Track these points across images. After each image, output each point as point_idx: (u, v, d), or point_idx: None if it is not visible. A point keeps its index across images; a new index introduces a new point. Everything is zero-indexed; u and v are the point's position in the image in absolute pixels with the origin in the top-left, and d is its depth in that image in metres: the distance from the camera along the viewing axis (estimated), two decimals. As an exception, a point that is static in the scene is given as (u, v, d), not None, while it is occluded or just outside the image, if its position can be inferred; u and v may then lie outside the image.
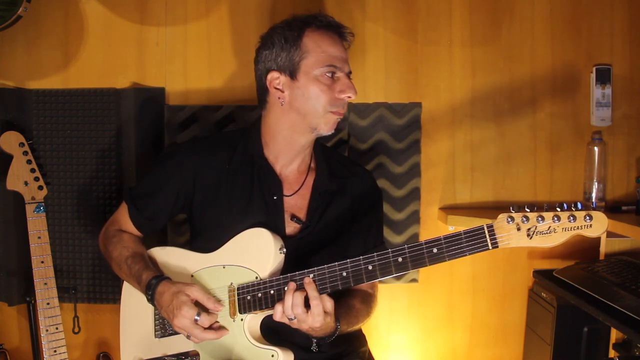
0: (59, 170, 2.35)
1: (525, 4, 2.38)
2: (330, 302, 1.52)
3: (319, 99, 1.68)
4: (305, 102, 1.69)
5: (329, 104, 1.68)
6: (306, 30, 1.71)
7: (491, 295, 2.46)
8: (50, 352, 2.10)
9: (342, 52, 1.72)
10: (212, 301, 1.59)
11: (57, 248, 2.34)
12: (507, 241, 1.40)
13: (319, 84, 1.68)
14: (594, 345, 2.11)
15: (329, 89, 1.68)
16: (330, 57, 1.69)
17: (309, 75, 1.69)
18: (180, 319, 1.55)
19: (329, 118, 1.70)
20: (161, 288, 1.61)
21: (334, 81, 1.69)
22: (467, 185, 2.42)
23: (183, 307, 1.55)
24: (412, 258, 1.47)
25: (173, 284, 1.61)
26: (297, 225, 1.76)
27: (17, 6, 2.11)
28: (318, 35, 1.71)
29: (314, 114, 1.69)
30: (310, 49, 1.69)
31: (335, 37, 1.73)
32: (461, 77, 2.39)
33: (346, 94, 1.69)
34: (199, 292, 1.58)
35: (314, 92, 1.68)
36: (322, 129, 1.71)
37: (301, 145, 1.78)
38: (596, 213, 1.36)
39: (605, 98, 2.35)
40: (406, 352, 2.47)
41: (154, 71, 2.37)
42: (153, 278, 1.64)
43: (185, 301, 1.55)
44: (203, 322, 1.56)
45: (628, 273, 1.93)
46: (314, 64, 1.68)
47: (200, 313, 1.55)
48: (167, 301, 1.58)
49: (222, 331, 1.60)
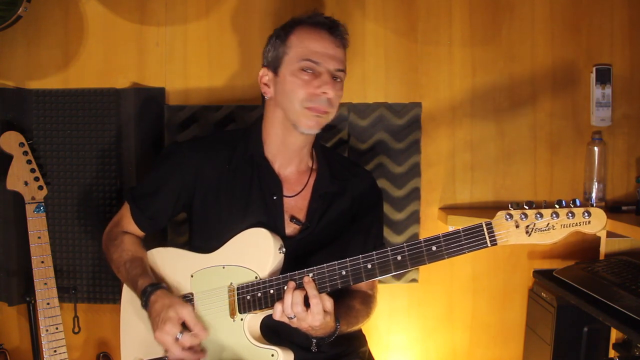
0: (59, 170, 2.35)
1: (525, 4, 2.38)
2: (330, 301, 1.52)
3: (295, 94, 1.67)
4: (284, 97, 1.70)
5: (305, 99, 1.67)
6: (296, 27, 1.72)
7: (491, 295, 2.46)
8: (50, 352, 2.10)
9: (326, 49, 1.69)
10: (199, 327, 1.57)
11: (57, 248, 2.34)
12: (505, 238, 1.40)
13: (295, 79, 1.67)
14: (594, 345, 2.11)
15: (306, 84, 1.67)
16: (309, 52, 1.68)
17: (288, 70, 1.69)
18: (162, 333, 1.54)
19: (307, 114, 1.68)
20: (154, 297, 1.61)
21: (314, 77, 1.68)
22: (467, 185, 2.42)
23: (167, 322, 1.54)
24: (411, 256, 1.47)
25: (167, 297, 1.61)
26: (297, 226, 1.76)
27: (17, 6, 2.12)
28: (305, 32, 1.71)
29: (292, 110, 1.69)
30: (294, 44, 1.70)
31: (323, 34, 1.71)
32: (461, 77, 2.40)
33: (321, 90, 1.66)
34: (189, 315, 1.57)
35: (290, 87, 1.68)
36: (302, 126, 1.69)
37: (296, 145, 1.77)
38: (594, 209, 1.36)
39: (605, 98, 2.35)
40: (406, 352, 2.47)
41: (154, 71, 2.37)
42: (149, 285, 1.64)
43: (172, 318, 1.55)
44: (183, 342, 1.54)
45: (628, 273, 1.93)
46: (293, 59, 1.69)
47: (183, 332, 1.54)
48: (157, 312, 1.58)
49: (200, 354, 1.59)
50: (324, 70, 1.68)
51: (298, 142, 1.77)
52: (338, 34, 1.73)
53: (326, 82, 1.67)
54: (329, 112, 1.71)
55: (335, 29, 1.73)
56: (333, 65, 1.70)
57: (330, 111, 1.71)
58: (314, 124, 1.70)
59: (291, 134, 1.74)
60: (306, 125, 1.69)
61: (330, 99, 1.68)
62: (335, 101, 1.71)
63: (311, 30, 1.71)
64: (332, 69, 1.69)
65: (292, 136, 1.74)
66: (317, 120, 1.70)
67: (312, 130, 1.71)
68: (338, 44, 1.73)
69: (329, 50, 1.70)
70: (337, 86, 1.70)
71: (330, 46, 1.70)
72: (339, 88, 1.72)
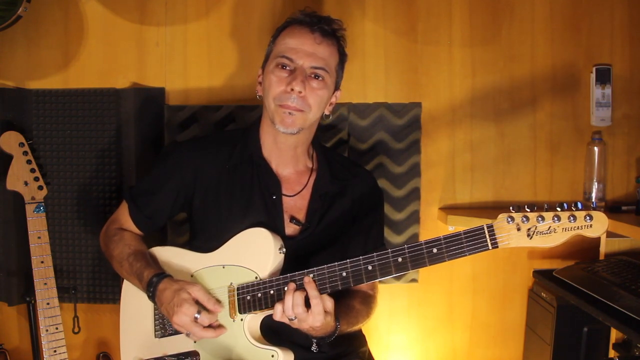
0: (59, 170, 2.35)
1: (525, 4, 2.38)
2: (330, 301, 1.52)
3: (269, 90, 1.69)
4: (264, 95, 1.73)
5: (276, 96, 1.67)
6: (287, 28, 1.74)
7: (491, 295, 2.46)
8: (50, 352, 2.10)
9: (302, 45, 1.68)
10: (212, 302, 1.58)
11: (57, 248, 2.34)
12: (507, 241, 1.40)
13: (271, 76, 1.69)
14: (594, 345, 2.11)
15: (279, 80, 1.67)
16: (285, 49, 1.68)
17: (269, 67, 1.72)
18: (180, 316, 1.54)
19: (279, 112, 1.68)
20: (162, 285, 1.61)
21: (290, 73, 1.67)
22: (467, 185, 2.42)
23: (184, 304, 1.54)
24: (412, 258, 1.47)
25: (175, 282, 1.61)
26: (297, 227, 1.76)
27: (17, 6, 2.11)
28: (289, 30, 1.72)
29: (269, 107, 1.71)
30: (278, 42, 1.73)
31: (302, 31, 1.70)
32: (461, 77, 2.39)
33: (290, 86, 1.65)
34: (200, 292, 1.58)
35: (267, 84, 1.70)
36: (277, 124, 1.69)
37: (286, 145, 1.77)
38: (596, 213, 1.35)
39: (605, 98, 2.35)
40: (406, 352, 2.47)
41: (154, 71, 2.37)
42: (154, 276, 1.64)
43: (187, 299, 1.55)
44: (203, 320, 1.55)
45: (628, 273, 1.92)
46: (273, 56, 1.72)
47: (201, 311, 1.55)
48: (168, 298, 1.58)
49: (220, 329, 1.60)
50: (298, 66, 1.67)
51: (287, 142, 1.76)
52: (317, 30, 1.70)
53: (294, 77, 1.65)
54: (304, 110, 1.68)
55: (315, 26, 1.70)
56: (308, 62, 1.68)
57: (305, 110, 1.68)
58: (290, 122, 1.67)
59: (278, 133, 1.73)
60: (280, 123, 1.68)
61: (303, 97, 1.66)
62: (313, 99, 1.68)
63: (295, 29, 1.71)
64: (306, 66, 1.68)
65: (279, 135, 1.74)
66: (291, 118, 1.67)
67: (288, 129, 1.68)
68: (319, 40, 1.70)
69: (306, 47, 1.68)
70: (314, 83, 1.68)
71: (308, 42, 1.68)
72: (318, 86, 1.69)
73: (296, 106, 1.67)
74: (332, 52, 1.73)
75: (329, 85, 1.73)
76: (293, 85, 1.65)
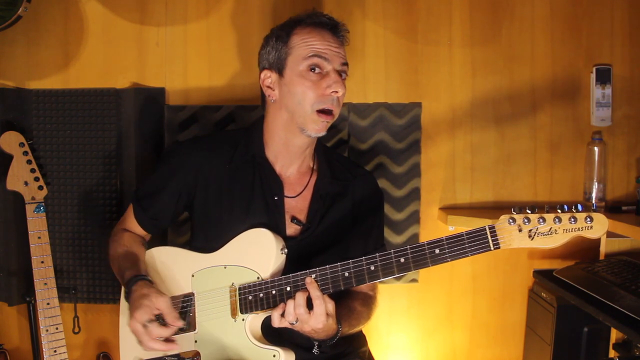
0: (59, 171, 2.35)
1: (525, 4, 2.38)
2: (331, 303, 1.52)
3: (305, 96, 1.66)
4: (291, 100, 1.68)
5: (316, 101, 1.66)
6: (296, 28, 1.71)
7: (491, 295, 2.46)
8: (50, 352, 2.10)
9: (329, 47, 1.68)
10: (171, 317, 1.55)
11: (57, 248, 2.34)
12: (508, 242, 1.40)
13: (303, 80, 1.66)
14: (594, 345, 2.11)
15: (315, 85, 1.66)
16: (313, 50, 1.67)
17: (294, 71, 1.68)
18: (132, 320, 1.54)
19: (316, 119, 1.67)
20: (135, 287, 1.61)
21: (322, 77, 1.67)
22: (467, 186, 2.42)
23: (139, 309, 1.53)
24: (415, 259, 1.47)
25: (146, 287, 1.60)
26: (298, 227, 1.76)
27: (17, 6, 2.11)
28: (306, 31, 1.70)
29: (301, 113, 1.67)
30: (296, 44, 1.69)
31: (324, 33, 1.70)
32: (461, 77, 2.40)
33: (332, 89, 1.65)
34: (164, 304, 1.55)
35: (300, 89, 1.66)
36: (309, 130, 1.68)
37: (298, 147, 1.77)
38: (597, 215, 1.36)
39: (605, 98, 2.35)
40: (406, 352, 2.48)
41: (154, 71, 2.37)
42: (133, 277, 1.65)
43: (144, 305, 1.54)
44: (151, 331, 1.53)
45: (628, 273, 1.93)
46: (298, 59, 1.68)
47: (153, 321, 1.53)
48: (132, 300, 1.58)
49: (170, 345, 1.57)
50: (331, 68, 1.67)
51: (301, 144, 1.76)
52: (340, 33, 1.73)
53: (335, 80, 1.66)
54: (336, 112, 1.70)
55: (337, 28, 1.73)
56: (337, 61, 1.69)
57: (337, 111, 1.71)
58: (322, 127, 1.69)
59: (295, 136, 1.73)
60: (314, 129, 1.68)
61: (339, 98, 1.68)
62: (342, 99, 1.71)
63: (313, 30, 1.70)
64: (337, 66, 1.69)
65: (296, 138, 1.74)
66: (325, 125, 1.69)
67: (320, 133, 1.70)
68: (341, 41, 1.73)
69: (333, 48, 1.69)
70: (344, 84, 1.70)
71: (334, 44, 1.70)
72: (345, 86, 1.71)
73: (334, 108, 1.68)
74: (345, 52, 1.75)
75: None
76: (335, 87, 1.65)
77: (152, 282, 1.67)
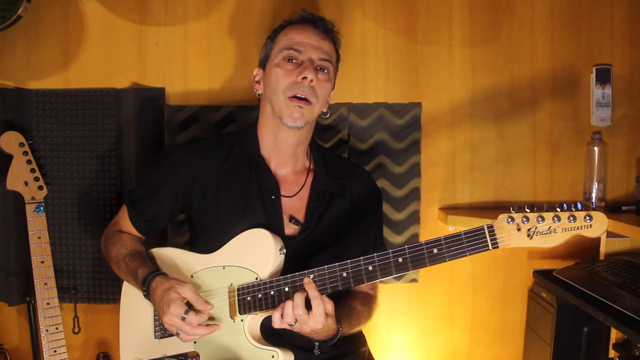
0: (59, 170, 2.35)
1: (525, 4, 2.38)
2: (330, 303, 1.51)
3: (278, 83, 1.70)
4: (269, 89, 1.74)
5: (287, 87, 1.69)
6: (286, 27, 1.78)
7: (491, 295, 2.46)
8: (50, 352, 2.10)
9: (308, 39, 1.73)
10: (200, 302, 1.56)
11: (57, 248, 2.34)
12: (507, 241, 1.40)
13: (279, 69, 1.71)
14: (594, 345, 2.11)
15: (288, 72, 1.70)
16: (292, 42, 1.72)
17: (272, 62, 1.74)
18: (169, 316, 1.54)
19: (289, 105, 1.69)
20: (154, 284, 1.61)
21: (296, 67, 1.70)
22: (467, 185, 2.42)
23: (172, 304, 1.53)
24: (413, 258, 1.47)
25: (166, 280, 1.60)
26: (296, 227, 1.76)
27: (17, 6, 2.12)
28: (291, 28, 1.76)
29: (276, 101, 1.71)
30: (279, 40, 1.76)
31: (307, 28, 1.75)
32: (461, 77, 2.40)
33: (302, 75, 1.67)
34: (189, 292, 1.56)
35: (274, 77, 1.71)
36: (285, 117, 1.70)
37: (287, 143, 1.77)
38: (596, 213, 1.36)
39: (605, 98, 2.35)
40: (406, 352, 2.47)
41: (154, 71, 2.37)
42: (149, 274, 1.64)
43: (175, 299, 1.54)
44: (190, 320, 1.53)
45: (628, 273, 1.93)
46: (277, 51, 1.74)
47: (189, 312, 1.53)
48: (159, 297, 1.58)
49: (213, 327, 1.58)
50: (306, 58, 1.71)
51: (289, 140, 1.77)
52: (320, 26, 1.77)
53: (306, 67, 1.69)
54: (312, 102, 1.70)
55: (317, 22, 1.77)
56: (316, 54, 1.72)
57: (313, 101, 1.70)
58: (298, 115, 1.69)
59: (281, 130, 1.75)
60: (289, 116, 1.69)
61: (312, 87, 1.69)
62: (320, 91, 1.71)
63: (298, 26, 1.77)
64: (314, 58, 1.72)
65: (282, 132, 1.75)
66: (299, 112, 1.69)
67: (296, 122, 1.70)
68: (322, 36, 1.76)
69: (312, 40, 1.73)
70: (320, 75, 1.72)
71: (313, 37, 1.74)
72: (324, 79, 1.73)
73: (306, 95, 1.69)
74: (332, 49, 1.79)
75: (332, 80, 1.78)
76: (305, 73, 1.68)
77: (167, 274, 1.66)
